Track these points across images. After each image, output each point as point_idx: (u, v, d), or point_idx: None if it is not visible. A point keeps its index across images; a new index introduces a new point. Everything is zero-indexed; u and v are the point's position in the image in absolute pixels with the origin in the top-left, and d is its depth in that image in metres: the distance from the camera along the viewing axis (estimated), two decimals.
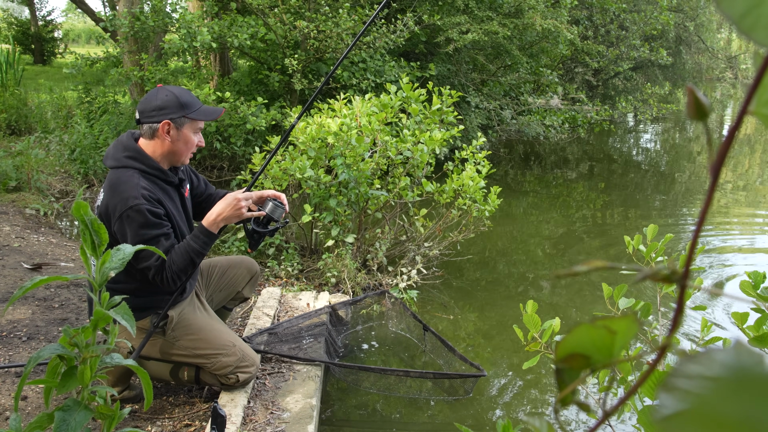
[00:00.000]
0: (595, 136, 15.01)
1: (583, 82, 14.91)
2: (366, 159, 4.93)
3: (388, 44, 8.43)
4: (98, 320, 0.89)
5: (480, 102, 10.18)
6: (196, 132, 2.85)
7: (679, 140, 17.18)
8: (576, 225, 7.86)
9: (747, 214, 8.39)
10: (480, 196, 5.18)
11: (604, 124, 12.30)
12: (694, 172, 12.10)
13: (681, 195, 9.82)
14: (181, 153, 2.83)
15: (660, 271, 0.39)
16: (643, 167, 12.73)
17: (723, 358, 0.35)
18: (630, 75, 15.39)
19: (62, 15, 46.17)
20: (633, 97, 14.08)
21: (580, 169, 12.01)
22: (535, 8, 9.48)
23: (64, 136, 8.70)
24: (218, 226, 2.80)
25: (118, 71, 8.15)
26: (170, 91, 2.79)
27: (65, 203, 6.95)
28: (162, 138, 2.77)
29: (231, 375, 3.01)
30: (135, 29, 7.82)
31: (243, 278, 3.46)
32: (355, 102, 5.23)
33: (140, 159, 2.74)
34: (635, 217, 8.27)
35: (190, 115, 2.78)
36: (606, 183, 10.71)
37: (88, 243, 0.91)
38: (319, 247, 5.49)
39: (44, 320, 3.90)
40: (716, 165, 0.35)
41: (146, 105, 2.77)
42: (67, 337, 0.91)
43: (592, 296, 5.29)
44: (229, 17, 8.37)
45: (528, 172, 11.16)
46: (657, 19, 12.21)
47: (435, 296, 5.15)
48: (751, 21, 0.33)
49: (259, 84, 9.35)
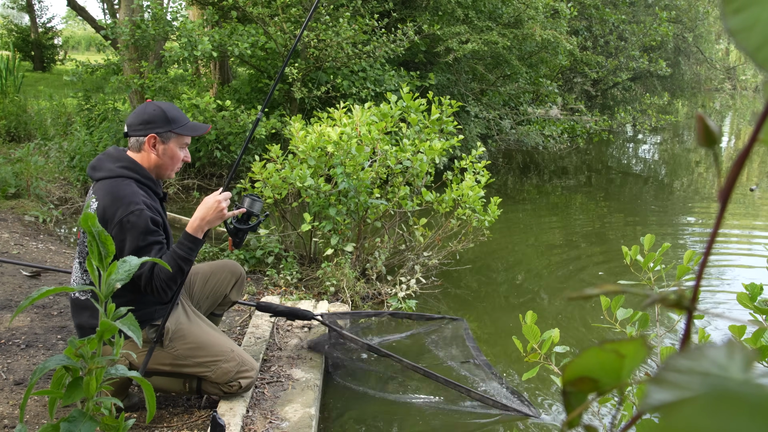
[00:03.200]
0: (594, 146, 15.03)
1: (582, 92, 14.95)
2: (366, 168, 4.94)
3: (388, 53, 8.45)
4: (104, 331, 0.89)
5: (479, 112, 10.21)
6: (182, 147, 2.89)
7: (677, 150, 17.22)
8: (575, 235, 7.86)
9: (744, 225, 8.40)
10: (479, 206, 5.19)
11: (603, 134, 12.32)
12: (693, 182, 12.13)
13: (680, 205, 9.84)
14: (167, 167, 2.87)
15: (668, 297, 0.39)
16: (642, 177, 12.75)
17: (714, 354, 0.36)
18: (629, 85, 15.44)
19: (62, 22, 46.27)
20: (632, 108, 14.13)
21: (579, 178, 12.02)
22: (535, 19, 9.52)
23: (64, 143, 8.70)
24: (202, 230, 2.80)
25: (119, 79, 8.17)
26: (158, 106, 2.84)
27: (64, 210, 6.95)
28: (148, 151, 2.81)
29: (233, 382, 3.01)
30: (135, 37, 7.84)
31: (228, 282, 3.45)
32: (355, 111, 5.24)
33: (135, 169, 2.77)
34: (634, 226, 8.28)
35: (177, 130, 2.83)
36: (605, 193, 10.73)
37: (95, 254, 0.92)
38: (318, 256, 5.49)
39: (43, 328, 3.90)
40: (725, 192, 0.36)
41: (134, 119, 2.82)
42: (72, 348, 0.91)
43: (591, 306, 5.29)
44: (230, 26, 8.39)
45: (527, 182, 11.17)
46: (656, 31, 12.26)
47: (433, 306, 5.15)
48: (766, 54, 0.34)
49: (259, 92, 9.38)
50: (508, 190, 10.00)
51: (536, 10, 9.51)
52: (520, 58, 10.54)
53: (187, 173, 8.49)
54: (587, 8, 12.25)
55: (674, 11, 13.35)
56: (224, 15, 9.06)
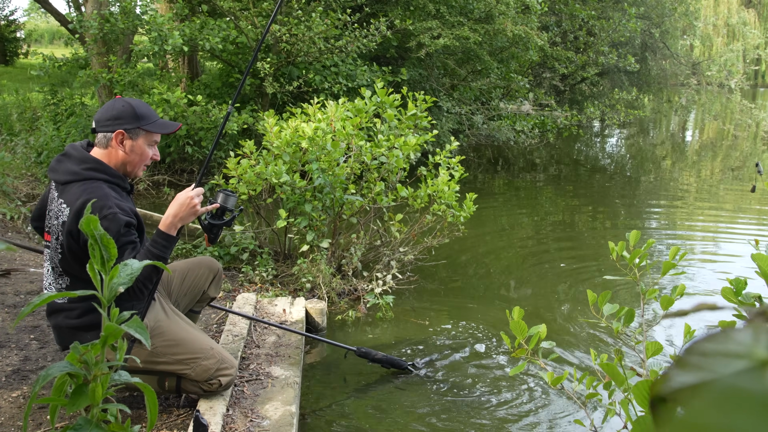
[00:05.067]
0: (562, 141, 15.20)
1: (551, 87, 15.09)
2: (341, 164, 4.93)
3: (360, 48, 8.43)
4: (108, 335, 0.88)
5: (452, 107, 10.24)
6: (151, 145, 2.85)
7: (643, 145, 17.47)
8: (546, 228, 7.95)
9: (710, 218, 8.56)
10: (454, 201, 5.21)
11: (573, 129, 12.47)
12: (659, 176, 12.33)
13: (647, 197, 10.01)
14: (135, 164, 2.82)
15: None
16: (609, 171, 12.93)
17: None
18: (597, 80, 15.62)
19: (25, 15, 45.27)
20: (600, 102, 14.29)
21: (548, 172, 12.15)
22: (506, 14, 9.56)
23: (30, 139, 8.54)
24: (176, 227, 2.77)
25: (87, 73, 8.03)
26: (127, 102, 2.79)
27: (32, 207, 6.82)
28: (115, 148, 2.76)
29: (213, 380, 2.99)
30: (104, 31, 7.71)
31: (206, 278, 3.43)
32: (330, 106, 5.23)
33: (102, 169, 2.72)
34: (603, 219, 8.40)
35: (146, 126, 2.79)
36: (574, 186, 10.86)
37: (98, 258, 0.90)
38: (292, 252, 5.47)
39: (15, 328, 3.83)
40: None
41: (102, 114, 2.77)
42: (76, 354, 0.89)
43: (565, 297, 5.35)
44: (200, 20, 8.29)
45: (497, 176, 11.26)
46: (626, 27, 12.41)
47: (409, 301, 5.16)
48: None
49: (230, 87, 9.30)
50: (478, 185, 10.06)
51: (507, 5, 9.56)
52: (491, 54, 10.58)
53: (157, 169, 8.38)
54: (556, 3, 12.35)
55: (642, 7, 13.52)
56: (193, 9, 8.95)
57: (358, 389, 3.83)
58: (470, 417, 3.56)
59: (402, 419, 3.51)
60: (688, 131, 22.04)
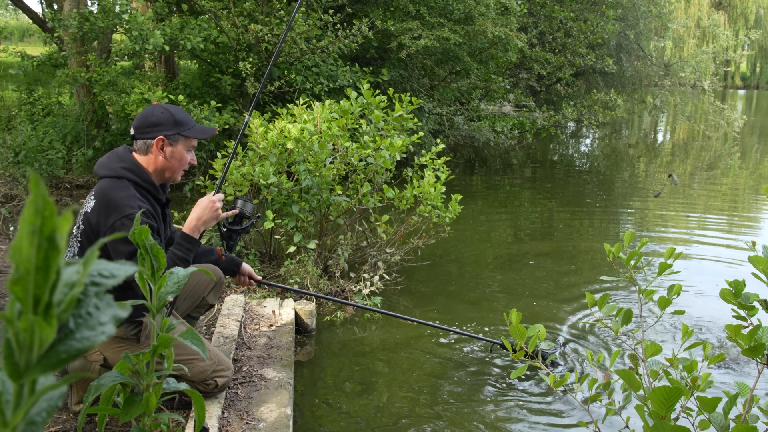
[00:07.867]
0: (538, 141, 15.34)
1: (527, 87, 15.22)
2: (328, 165, 4.93)
3: (342, 49, 8.43)
4: (160, 345, 0.88)
5: (433, 108, 10.29)
6: (189, 150, 2.91)
7: (617, 144, 17.69)
8: (525, 227, 8.03)
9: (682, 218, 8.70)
10: (440, 202, 5.24)
11: (551, 130, 12.62)
12: (633, 174, 12.53)
13: (621, 196, 10.17)
14: (174, 169, 2.88)
15: None
16: (585, 170, 13.09)
17: None
18: (572, 81, 15.77)
19: None
20: (578, 103, 14.45)
21: (524, 172, 12.28)
22: (486, 15, 9.62)
23: (7, 138, 8.41)
24: (199, 230, 2.86)
25: (65, 72, 7.93)
26: (166, 108, 2.85)
27: (11, 208, 6.73)
28: (155, 154, 2.81)
29: (209, 381, 3.01)
30: (84, 30, 7.61)
31: (207, 285, 3.44)
32: (315, 107, 5.23)
33: (136, 171, 2.76)
34: (581, 218, 8.51)
35: (185, 132, 2.85)
36: (551, 185, 10.99)
37: (148, 267, 0.91)
38: (279, 253, 5.46)
39: None
40: None
41: (142, 121, 2.82)
42: (128, 363, 0.90)
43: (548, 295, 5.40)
44: (180, 19, 8.23)
45: (475, 176, 11.35)
46: (604, 28, 12.55)
47: (395, 302, 5.18)
48: None
49: (210, 87, 9.23)
50: (455, 184, 10.11)
51: (487, 7, 9.61)
52: (470, 54, 10.64)
53: None
54: (534, 5, 12.45)
55: (619, 9, 13.69)
56: (171, 9, 8.87)
57: (352, 389, 3.84)
58: (467, 417, 3.59)
59: (398, 418, 3.53)
60: (659, 131, 22.37)
